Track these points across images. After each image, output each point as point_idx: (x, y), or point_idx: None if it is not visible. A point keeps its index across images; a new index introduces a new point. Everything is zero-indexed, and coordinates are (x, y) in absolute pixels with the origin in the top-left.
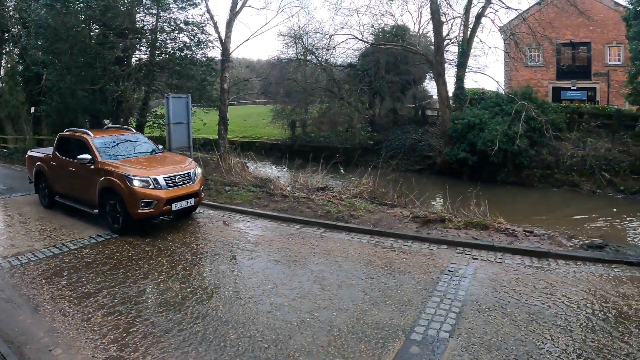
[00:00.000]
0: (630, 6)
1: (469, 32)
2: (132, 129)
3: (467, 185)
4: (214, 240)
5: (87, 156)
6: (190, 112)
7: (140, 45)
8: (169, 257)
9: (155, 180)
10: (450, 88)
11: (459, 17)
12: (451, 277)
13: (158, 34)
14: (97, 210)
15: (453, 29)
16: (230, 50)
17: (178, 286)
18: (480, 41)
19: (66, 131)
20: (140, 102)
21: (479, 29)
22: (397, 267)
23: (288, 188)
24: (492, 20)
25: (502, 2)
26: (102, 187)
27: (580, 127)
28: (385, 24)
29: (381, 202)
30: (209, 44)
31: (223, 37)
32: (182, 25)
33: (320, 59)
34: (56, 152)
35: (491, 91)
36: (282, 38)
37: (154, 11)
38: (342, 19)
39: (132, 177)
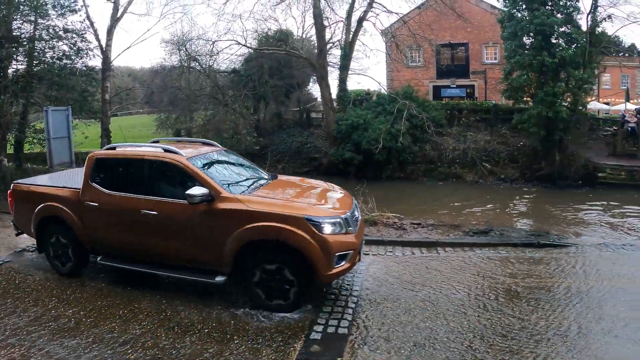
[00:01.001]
0: (505, 9)
1: (350, 36)
2: (215, 142)
3: (354, 184)
4: None
5: (199, 190)
6: (71, 125)
7: (17, 55)
8: None
9: (346, 220)
10: (334, 90)
11: (342, 21)
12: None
13: (36, 42)
14: (222, 278)
15: (336, 33)
16: (112, 59)
17: None
18: (363, 44)
19: (113, 148)
20: (18, 117)
21: (360, 32)
22: None
23: None
24: (374, 24)
25: (383, 6)
26: (249, 240)
27: (460, 123)
28: (269, 29)
29: None
30: (90, 53)
31: (104, 45)
32: (61, 32)
33: (203, 66)
34: (94, 185)
35: (374, 91)
36: (165, 45)
37: (32, 18)
38: (225, 24)
39: (320, 221)
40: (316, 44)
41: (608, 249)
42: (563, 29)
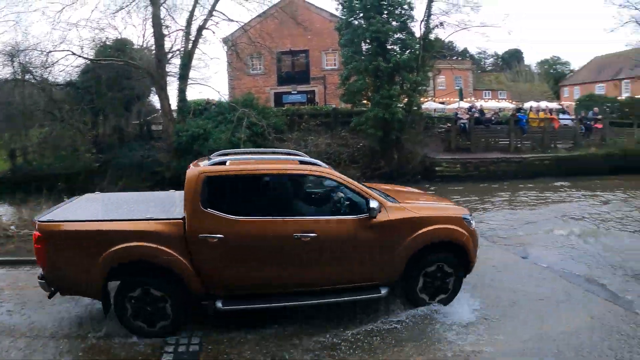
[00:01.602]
0: (343, 17)
1: (190, 45)
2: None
3: None
4: None
5: (375, 203)
6: None
7: None
8: None
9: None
10: (175, 101)
11: (182, 29)
12: None
13: None
14: (386, 290)
15: (177, 42)
16: None
17: None
18: (203, 53)
19: (223, 163)
20: None
21: (201, 41)
22: None
23: (12, 227)
24: (214, 32)
25: (224, 15)
26: (422, 245)
27: (301, 128)
28: (107, 38)
29: None
30: None
31: None
32: None
33: (38, 78)
34: (212, 212)
35: (215, 100)
36: None
37: None
38: (61, 33)
39: (469, 218)
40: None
41: None
42: (398, 36)
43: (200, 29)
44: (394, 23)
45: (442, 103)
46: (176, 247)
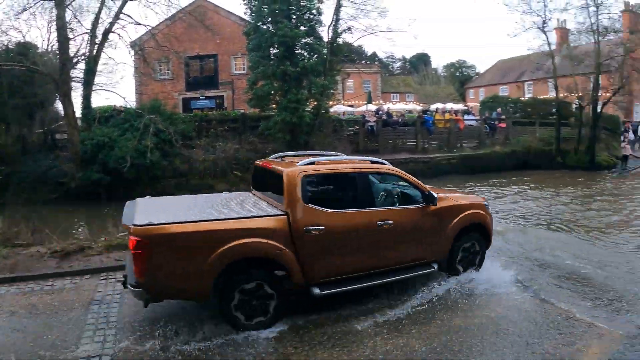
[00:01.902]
0: (251, 22)
1: (96, 49)
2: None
3: (106, 206)
4: None
5: (435, 195)
6: None
7: None
8: None
9: None
10: (80, 108)
11: (87, 32)
12: (99, 306)
13: None
14: (436, 265)
15: (82, 46)
16: None
17: None
18: (110, 57)
19: (312, 163)
20: None
21: (108, 45)
22: (43, 311)
23: None
24: (120, 36)
25: (131, 18)
26: (461, 227)
27: (209, 133)
28: (10, 41)
29: (15, 244)
30: None
31: None
32: None
33: None
34: (312, 206)
35: (122, 107)
36: None
37: None
38: None
39: (487, 204)
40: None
41: None
42: (306, 40)
43: (107, 32)
44: (302, 28)
45: (351, 106)
46: (282, 241)
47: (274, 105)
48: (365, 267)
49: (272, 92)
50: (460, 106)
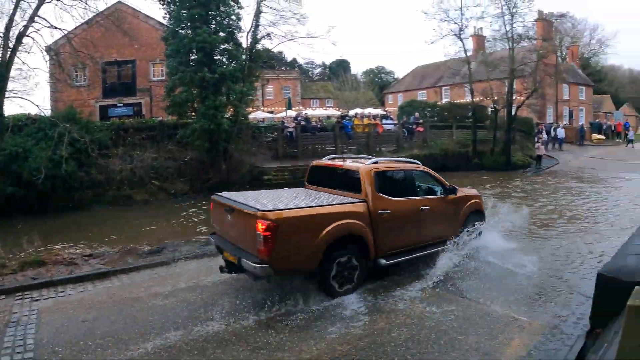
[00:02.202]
0: (170, 26)
1: (9, 53)
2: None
3: (20, 221)
4: None
5: (456, 187)
6: None
7: None
8: None
9: None
10: None
11: None
12: (16, 329)
13: None
14: (450, 242)
15: None
16: None
17: None
18: (24, 62)
19: (376, 162)
20: None
21: (22, 49)
22: None
23: None
24: (35, 40)
25: (47, 21)
26: (470, 213)
27: (126, 142)
28: None
29: None
30: None
31: None
32: None
33: None
34: (382, 195)
35: (37, 115)
36: None
37: None
38: None
39: (481, 194)
40: None
41: None
42: (225, 46)
43: (21, 36)
44: (221, 34)
45: (271, 112)
46: (365, 221)
47: (192, 113)
48: (412, 243)
49: (191, 99)
50: (379, 111)
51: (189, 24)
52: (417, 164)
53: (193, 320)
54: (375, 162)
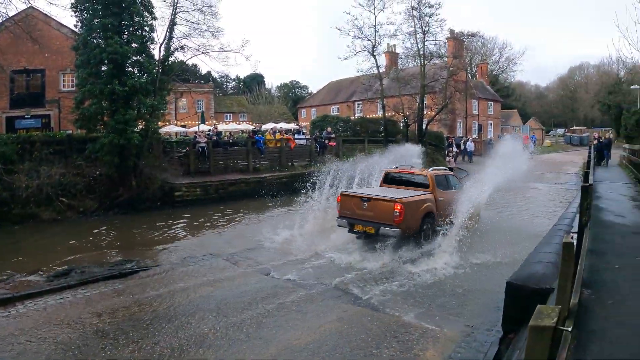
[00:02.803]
0: (81, 35)
1: None
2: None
3: None
4: None
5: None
6: None
7: None
8: None
9: None
10: None
11: None
12: None
13: None
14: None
15: None
16: None
17: None
18: None
19: (436, 169)
20: None
21: None
22: None
23: None
24: None
25: None
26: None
27: (33, 157)
28: None
29: None
30: None
31: None
32: None
33: None
34: (438, 189)
35: None
36: None
37: None
38: None
39: None
40: None
41: (191, 262)
42: (137, 58)
43: None
44: (133, 45)
45: (184, 126)
46: (433, 204)
47: (102, 126)
48: (449, 216)
49: (100, 112)
50: (292, 125)
51: (101, 33)
52: (446, 169)
53: None
54: (433, 170)
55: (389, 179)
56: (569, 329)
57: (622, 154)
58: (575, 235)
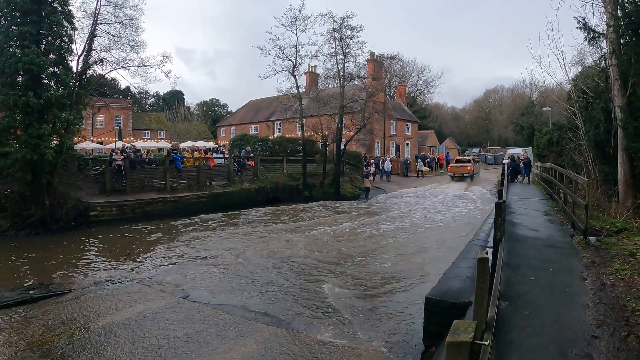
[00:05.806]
0: None
1: None
2: None
3: None
4: None
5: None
6: None
7: None
8: None
9: None
10: None
11: None
12: None
13: None
14: None
15: None
16: None
17: None
18: None
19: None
20: None
21: None
22: None
23: None
24: None
25: None
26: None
27: None
28: None
29: None
30: None
31: None
32: None
33: None
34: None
35: None
36: None
37: None
38: None
39: None
40: None
41: (105, 285)
42: (54, 70)
43: None
44: (51, 55)
45: (100, 143)
46: (471, 166)
47: (14, 141)
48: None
49: (13, 125)
50: (211, 144)
51: (18, 42)
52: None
53: None
54: (471, 154)
55: (455, 161)
56: (487, 343)
57: (535, 171)
58: (490, 250)
